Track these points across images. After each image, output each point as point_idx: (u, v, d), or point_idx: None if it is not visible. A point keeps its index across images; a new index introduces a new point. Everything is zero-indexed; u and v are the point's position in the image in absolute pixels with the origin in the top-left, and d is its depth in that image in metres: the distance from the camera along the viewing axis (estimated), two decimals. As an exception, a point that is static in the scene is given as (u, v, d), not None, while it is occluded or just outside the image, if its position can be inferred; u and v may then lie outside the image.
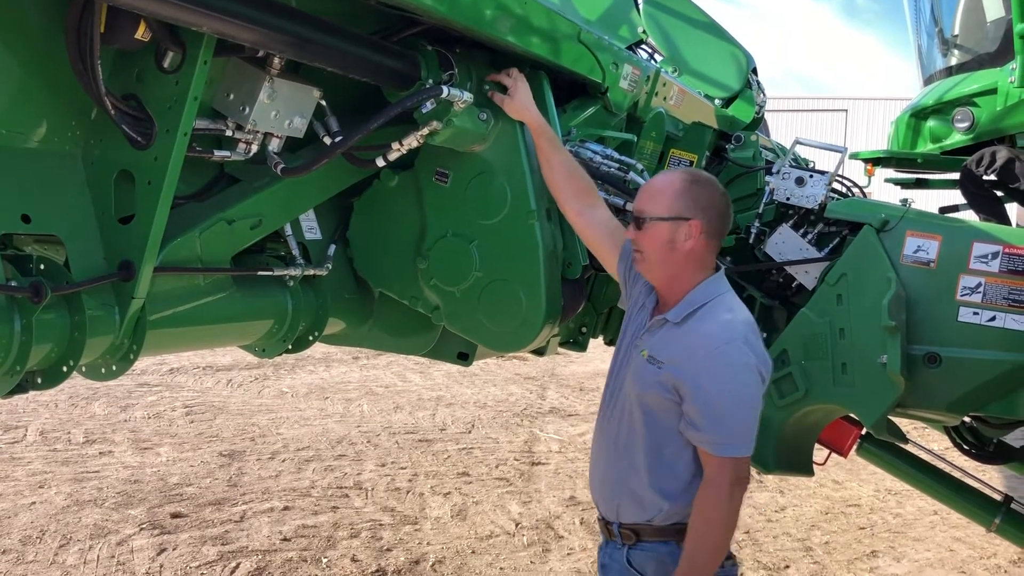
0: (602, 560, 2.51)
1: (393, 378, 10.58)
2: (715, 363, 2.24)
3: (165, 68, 2.08)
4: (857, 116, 30.21)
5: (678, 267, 2.36)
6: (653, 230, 2.33)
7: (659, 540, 2.37)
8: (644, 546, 2.39)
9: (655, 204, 2.35)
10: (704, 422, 2.24)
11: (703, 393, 2.24)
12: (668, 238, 2.33)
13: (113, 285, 2.12)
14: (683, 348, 2.30)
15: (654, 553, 2.38)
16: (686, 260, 2.35)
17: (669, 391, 2.29)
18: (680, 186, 2.35)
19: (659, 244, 2.34)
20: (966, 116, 4.10)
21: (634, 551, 2.41)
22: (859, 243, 3.04)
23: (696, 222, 2.32)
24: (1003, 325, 2.89)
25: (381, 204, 2.91)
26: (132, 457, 7.00)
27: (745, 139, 3.69)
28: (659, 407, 2.33)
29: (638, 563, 2.40)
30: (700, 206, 2.34)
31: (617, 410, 2.46)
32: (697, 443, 2.28)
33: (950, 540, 6.00)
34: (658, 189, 2.38)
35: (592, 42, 2.94)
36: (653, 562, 2.38)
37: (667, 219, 2.32)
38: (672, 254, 2.34)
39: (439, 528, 5.78)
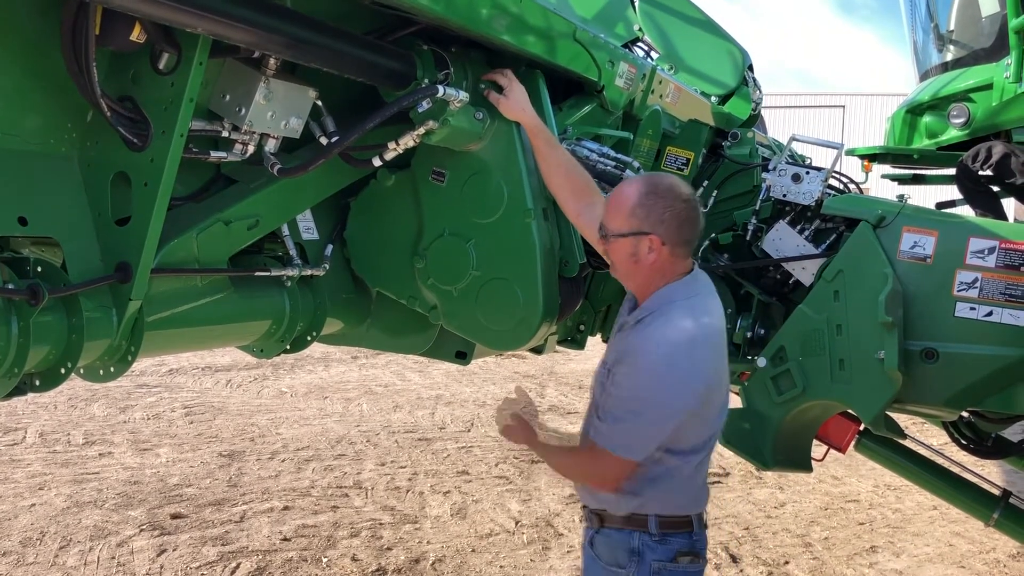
0: (583, 540, 2.62)
1: (392, 377, 10.58)
2: (634, 367, 2.31)
3: (161, 70, 2.08)
4: (855, 112, 30.21)
5: (645, 277, 2.39)
6: (617, 245, 2.37)
7: (614, 527, 2.45)
8: (604, 531, 2.48)
9: (615, 219, 2.37)
10: (603, 409, 2.36)
11: (617, 390, 2.33)
12: (631, 252, 2.35)
13: (110, 287, 2.13)
14: (625, 351, 2.37)
15: (609, 539, 2.46)
16: (651, 271, 2.37)
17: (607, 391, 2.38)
18: (636, 200, 2.33)
19: (623, 257, 2.38)
20: (962, 112, 4.10)
21: (597, 536, 2.50)
22: (856, 239, 3.04)
23: (655, 237, 2.31)
24: (1000, 320, 2.90)
25: (378, 204, 2.92)
26: (132, 458, 7.00)
27: (742, 136, 3.69)
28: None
29: (597, 547, 2.50)
30: (659, 219, 2.31)
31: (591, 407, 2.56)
32: (594, 431, 2.40)
33: (949, 535, 6.01)
34: (616, 204, 2.38)
35: (588, 40, 2.94)
36: (607, 548, 2.47)
37: (627, 235, 2.34)
38: (637, 266, 2.37)
39: (439, 527, 5.79)
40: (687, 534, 2.42)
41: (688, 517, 2.43)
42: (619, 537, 2.44)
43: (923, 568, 5.48)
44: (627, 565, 2.40)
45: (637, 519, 2.41)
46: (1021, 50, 3.62)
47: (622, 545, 2.42)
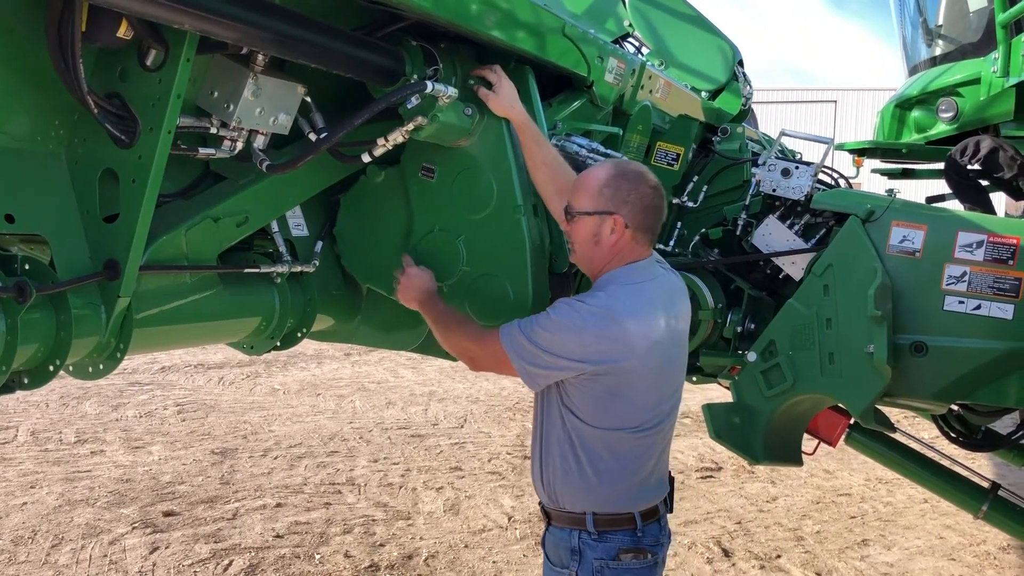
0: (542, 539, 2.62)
1: (385, 374, 10.58)
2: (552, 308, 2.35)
3: (148, 66, 2.07)
4: (846, 107, 30.25)
5: (603, 260, 2.41)
6: (580, 224, 2.40)
7: (557, 526, 2.47)
8: (551, 529, 2.50)
9: (581, 199, 2.40)
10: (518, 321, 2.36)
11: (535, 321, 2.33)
12: (593, 232, 2.39)
13: (99, 284, 2.12)
14: None
15: (553, 536, 2.49)
16: (610, 254, 2.40)
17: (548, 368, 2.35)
18: (604, 180, 2.38)
19: (585, 238, 2.41)
20: (950, 106, 4.11)
21: (547, 534, 2.53)
22: (845, 233, 3.06)
23: (619, 217, 2.36)
24: (988, 313, 2.92)
25: (368, 200, 2.91)
26: (124, 456, 6.99)
27: (731, 131, 3.70)
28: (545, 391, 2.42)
29: (547, 546, 2.52)
30: (624, 200, 2.37)
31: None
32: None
33: (940, 528, 6.04)
34: (584, 184, 2.42)
35: (577, 36, 2.94)
36: (552, 546, 2.49)
37: (591, 213, 2.37)
38: (597, 248, 2.40)
39: (432, 523, 5.79)
40: (629, 531, 2.41)
41: (630, 514, 2.42)
42: (562, 536, 2.45)
43: (914, 561, 5.50)
44: (569, 564, 2.41)
45: (575, 517, 2.42)
46: (1008, 44, 3.63)
47: (564, 544, 2.44)
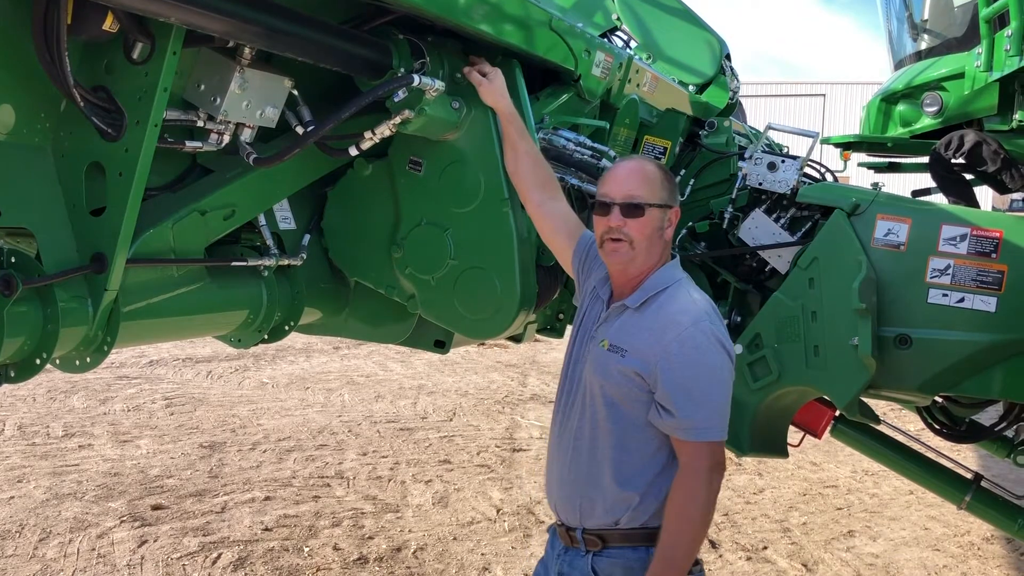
0: (561, 569, 2.36)
1: (374, 367, 10.58)
2: (684, 346, 2.17)
3: (134, 59, 2.07)
4: (835, 101, 30.35)
5: (658, 254, 2.33)
6: (648, 217, 2.27)
7: (627, 545, 2.27)
8: (610, 552, 2.27)
9: (651, 190, 2.29)
10: (677, 407, 2.15)
11: (675, 377, 2.16)
12: (659, 225, 2.30)
13: (85, 277, 2.12)
14: (647, 333, 2.23)
15: (621, 559, 2.27)
16: (664, 247, 2.35)
17: (634, 380, 2.22)
18: (660, 172, 2.35)
19: (651, 231, 2.28)
20: (935, 100, 4.14)
21: (599, 558, 2.28)
22: (830, 227, 3.07)
23: (677, 209, 2.36)
24: (971, 306, 2.94)
25: (355, 193, 2.92)
26: (112, 450, 6.97)
27: (718, 125, 3.71)
28: (624, 398, 2.24)
29: (604, 570, 2.28)
30: (675, 193, 2.38)
31: (576, 407, 2.35)
32: (670, 431, 2.19)
33: (925, 519, 6.09)
34: (643, 177, 2.31)
35: (564, 30, 2.94)
36: (620, 568, 2.27)
37: (659, 206, 2.29)
38: (659, 241, 2.31)
39: (421, 515, 5.81)
40: None
41: None
42: (634, 556, 2.24)
43: (899, 551, 5.55)
44: None
45: (649, 532, 2.23)
46: (991, 39, 3.65)
47: (639, 564, 2.22)
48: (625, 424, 2.26)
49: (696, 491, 2.16)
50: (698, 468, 2.16)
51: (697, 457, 2.16)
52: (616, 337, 2.28)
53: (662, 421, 2.19)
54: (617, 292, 2.38)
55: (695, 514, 2.16)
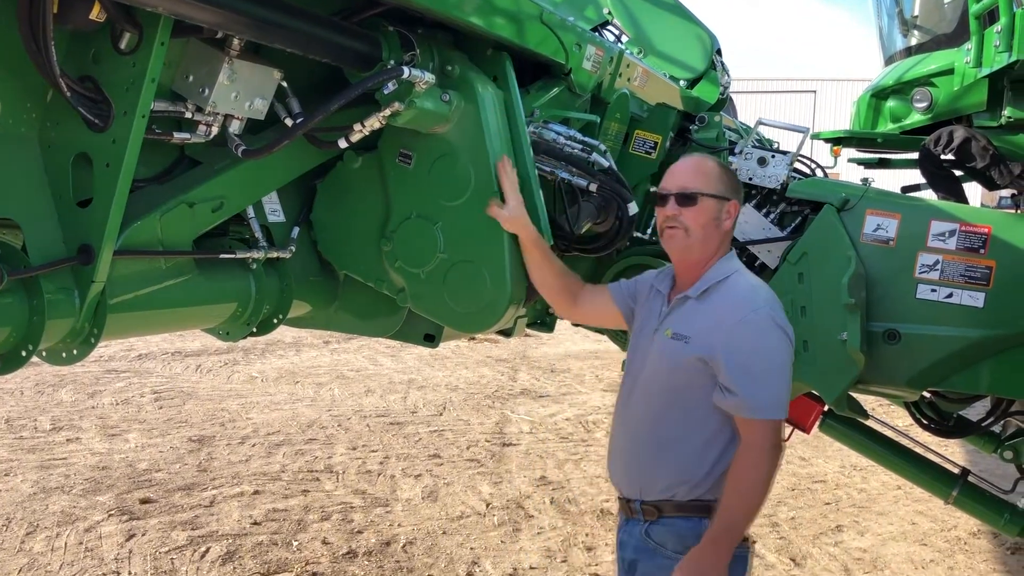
0: (620, 537, 2.56)
1: (364, 362, 10.57)
2: (746, 329, 2.32)
3: (122, 50, 2.05)
4: (826, 97, 30.42)
5: (715, 245, 2.46)
6: (702, 206, 2.42)
7: (680, 515, 2.42)
8: (665, 521, 2.44)
9: (705, 182, 2.43)
10: (739, 387, 2.29)
11: (737, 359, 2.30)
12: (715, 215, 2.44)
13: (72, 269, 2.10)
14: (710, 320, 2.37)
15: (674, 528, 2.43)
16: (722, 239, 2.47)
17: (698, 365, 2.35)
18: (719, 167, 2.49)
19: (706, 220, 2.43)
20: (924, 96, 4.15)
21: (654, 526, 2.45)
22: (820, 222, 3.08)
23: (735, 203, 2.47)
24: (960, 301, 2.95)
25: (345, 186, 2.90)
26: (100, 443, 6.95)
27: (709, 120, 3.71)
28: (688, 382, 2.38)
29: (657, 536, 2.44)
30: (736, 189, 2.49)
31: (639, 395, 2.51)
32: (733, 410, 2.33)
33: (912, 514, 6.12)
34: (700, 168, 2.46)
35: (555, 23, 2.94)
36: (673, 536, 2.42)
37: (715, 197, 2.43)
38: (716, 231, 2.45)
39: (410, 510, 5.81)
40: None
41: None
42: (687, 525, 2.41)
43: (887, 546, 5.58)
44: None
45: (702, 504, 2.39)
46: (981, 36, 3.66)
47: (691, 532, 2.38)
48: (688, 407, 2.40)
49: (758, 466, 2.30)
50: (760, 445, 2.30)
51: (759, 434, 2.30)
52: (680, 326, 2.43)
53: (725, 401, 2.33)
54: (679, 284, 2.53)
55: (756, 487, 2.30)
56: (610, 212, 3.09)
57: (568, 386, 9.74)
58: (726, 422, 2.38)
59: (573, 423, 8.19)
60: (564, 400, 9.07)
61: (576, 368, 10.62)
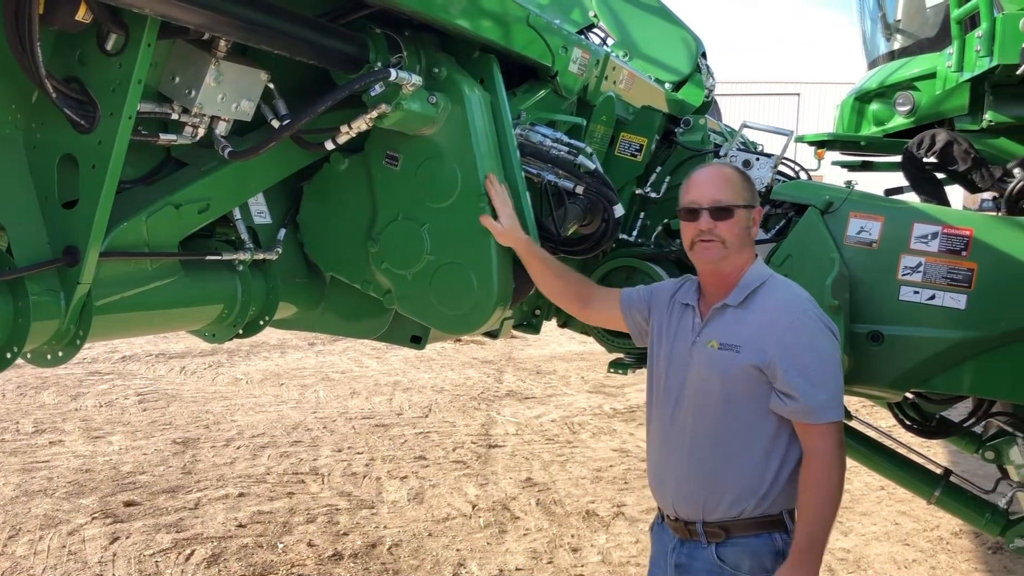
0: (678, 561, 2.49)
1: (349, 363, 10.55)
2: (798, 334, 2.33)
3: (108, 51, 2.04)
4: (809, 100, 30.59)
5: (749, 250, 2.48)
6: (736, 218, 2.41)
7: (751, 534, 2.38)
8: (736, 541, 2.39)
9: (736, 193, 2.43)
10: (800, 391, 2.28)
11: (794, 364, 2.29)
12: (746, 225, 2.46)
13: (58, 270, 2.09)
14: (757, 326, 2.36)
15: (747, 547, 2.39)
16: (752, 246, 2.49)
17: (753, 373, 2.33)
18: (741, 177, 2.49)
19: (740, 230, 2.43)
20: (907, 100, 4.18)
21: (724, 548, 2.40)
22: (804, 224, 3.10)
23: (759, 209, 2.51)
24: (942, 303, 2.97)
25: (331, 188, 2.90)
26: (83, 446, 6.91)
27: (694, 123, 3.73)
28: (744, 392, 2.36)
29: (732, 560, 2.39)
30: (756, 194, 2.52)
31: (686, 408, 2.46)
32: (794, 416, 2.31)
33: (895, 514, 6.17)
34: (724, 181, 2.45)
35: (541, 26, 2.95)
36: (747, 557, 2.39)
37: (746, 207, 2.44)
38: (748, 239, 2.47)
39: (396, 512, 5.80)
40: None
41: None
42: (759, 543, 2.38)
43: (870, 546, 5.61)
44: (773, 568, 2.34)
45: (772, 520, 2.37)
46: (962, 40, 3.70)
47: (767, 549, 2.37)
48: (745, 417, 2.38)
49: (830, 472, 2.29)
50: (827, 448, 2.29)
51: (824, 438, 2.29)
52: (725, 336, 2.40)
53: (785, 407, 2.32)
54: (710, 295, 2.50)
55: (832, 491, 2.29)
56: (596, 214, 3.10)
57: (554, 388, 9.75)
58: (781, 428, 2.36)
59: (559, 425, 8.20)
60: (550, 402, 9.09)
61: (562, 370, 10.64)
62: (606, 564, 5.13)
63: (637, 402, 9.13)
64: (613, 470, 6.89)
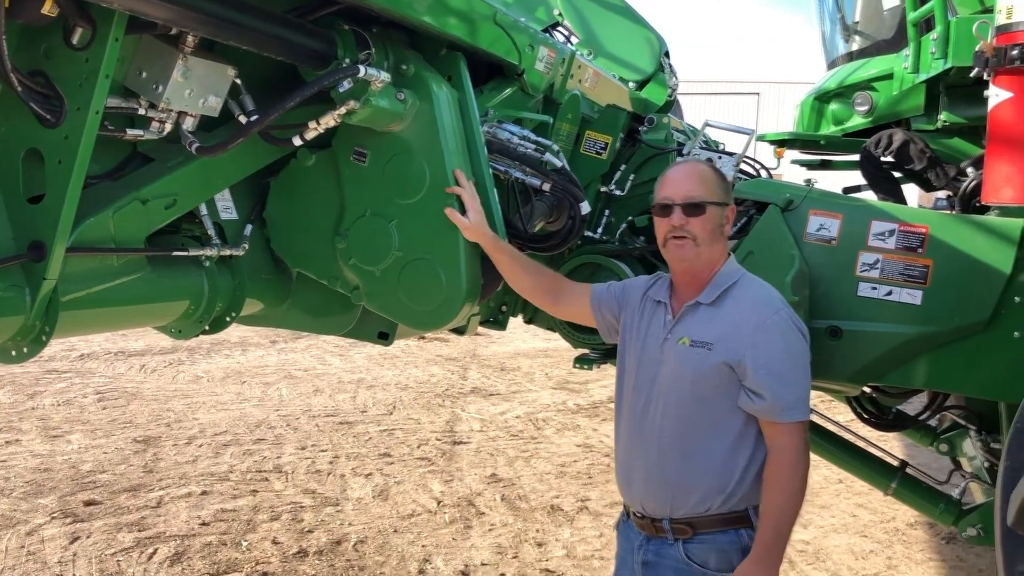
0: (645, 558, 2.51)
1: (312, 361, 10.49)
2: (769, 333, 2.36)
3: (74, 45, 2.03)
4: (768, 99, 30.95)
5: (720, 250, 2.49)
6: (708, 214, 2.43)
7: (718, 530, 2.42)
8: (703, 538, 2.43)
9: (709, 189, 2.45)
10: (768, 390, 2.32)
11: (764, 363, 2.33)
12: (720, 222, 2.47)
13: (23, 266, 2.08)
14: (729, 325, 2.39)
15: (714, 544, 2.42)
16: (724, 243, 2.51)
17: (724, 370, 2.37)
18: (713, 172, 2.51)
19: (712, 227, 2.44)
20: (865, 100, 4.27)
21: (691, 544, 2.43)
22: (765, 222, 3.15)
23: (734, 208, 2.53)
24: (899, 299, 3.04)
25: (298, 184, 2.90)
26: (41, 445, 6.80)
27: (658, 121, 3.77)
28: (714, 390, 2.39)
29: (698, 556, 2.43)
30: (729, 192, 2.54)
31: (656, 406, 2.48)
32: (764, 414, 2.35)
33: (853, 507, 6.28)
34: (699, 178, 2.47)
35: (508, 24, 2.97)
36: (715, 553, 2.42)
37: (717, 204, 2.45)
38: (720, 238, 2.49)
39: (361, 508, 5.80)
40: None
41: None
42: (726, 539, 2.41)
43: (829, 538, 5.72)
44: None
45: (739, 516, 2.41)
46: (918, 42, 3.79)
47: (734, 546, 2.40)
48: (714, 415, 2.41)
49: (795, 468, 2.34)
50: (793, 446, 2.34)
51: (791, 436, 2.34)
52: (697, 333, 2.43)
53: (753, 406, 2.36)
54: (683, 293, 2.52)
55: (797, 488, 2.34)
56: (563, 211, 3.13)
57: (518, 384, 9.78)
58: (747, 426, 2.40)
59: (523, 421, 8.24)
60: (514, 398, 9.12)
61: (526, 366, 10.68)
62: (571, 558, 5.17)
63: (600, 398, 9.20)
64: (577, 465, 6.94)
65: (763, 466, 2.40)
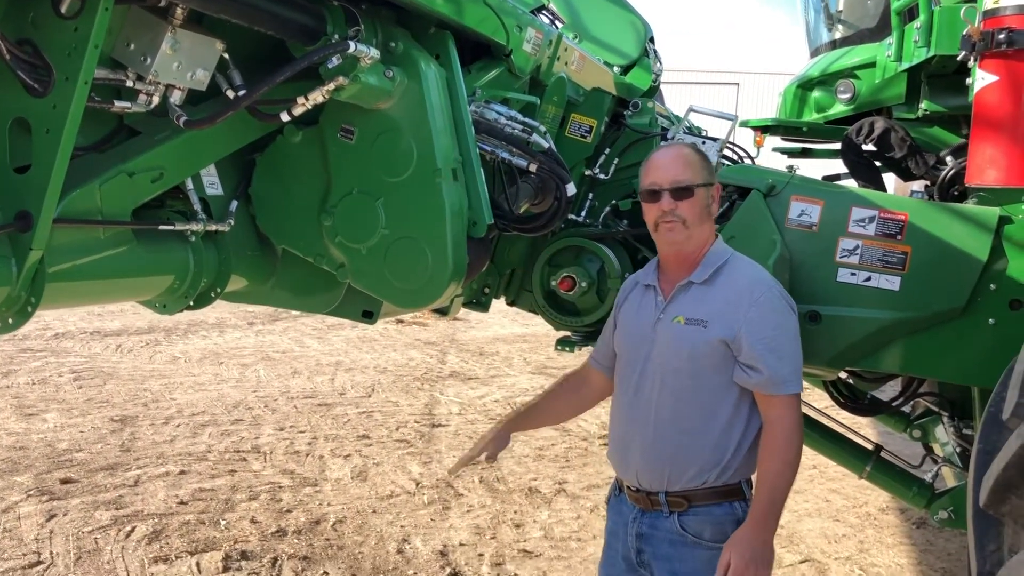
0: (640, 530, 2.57)
1: (290, 343, 10.46)
2: (764, 309, 2.43)
3: (63, 14, 2.02)
4: (748, 89, 31.09)
5: (708, 230, 2.55)
6: (696, 196, 2.48)
7: (713, 503, 2.48)
8: (698, 510, 2.49)
9: (694, 172, 2.50)
10: (764, 364, 2.39)
11: (760, 338, 2.40)
12: (707, 203, 2.53)
13: (9, 236, 2.07)
14: (723, 303, 2.45)
15: (709, 516, 2.48)
16: (711, 223, 2.56)
17: (719, 347, 2.43)
18: (699, 156, 2.55)
19: (700, 209, 2.50)
20: (848, 88, 4.31)
21: (686, 517, 2.49)
22: (747, 207, 3.18)
23: (718, 186, 2.57)
24: (877, 285, 3.09)
25: (285, 160, 2.89)
26: (16, 423, 6.76)
27: (642, 106, 3.79)
28: (710, 366, 2.45)
29: (693, 528, 2.49)
30: (713, 171, 2.59)
31: (653, 387, 2.54)
32: (761, 387, 2.41)
33: (827, 492, 6.37)
34: (683, 161, 2.52)
35: (496, 4, 2.97)
36: (709, 525, 2.48)
37: (703, 185, 2.50)
38: (708, 218, 2.54)
39: (339, 489, 5.81)
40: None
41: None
42: (721, 512, 2.48)
43: (802, 522, 5.80)
44: None
45: (732, 488, 2.48)
46: (901, 31, 3.83)
47: (729, 518, 2.47)
48: (710, 390, 2.47)
49: (791, 438, 2.40)
50: (788, 417, 2.41)
51: (787, 408, 2.41)
52: (691, 311, 2.49)
53: (750, 380, 2.42)
54: (672, 274, 2.58)
55: (792, 458, 2.40)
56: (548, 193, 3.15)
57: (497, 368, 9.81)
58: (741, 400, 2.46)
59: (502, 405, 8.27)
60: (493, 382, 9.15)
61: (504, 351, 10.71)
62: (548, 539, 5.21)
63: (578, 383, 9.24)
64: (555, 448, 6.98)
65: (757, 440, 2.47)
